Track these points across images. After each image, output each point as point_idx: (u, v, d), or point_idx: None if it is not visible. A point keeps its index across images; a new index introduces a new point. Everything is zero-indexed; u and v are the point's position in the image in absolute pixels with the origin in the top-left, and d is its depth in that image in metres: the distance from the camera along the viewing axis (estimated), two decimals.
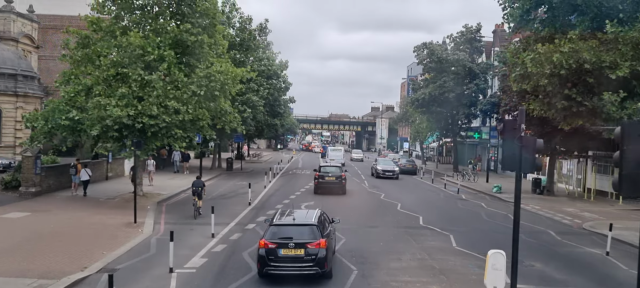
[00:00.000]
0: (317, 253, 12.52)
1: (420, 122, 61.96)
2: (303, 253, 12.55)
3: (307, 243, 12.61)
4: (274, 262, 12.53)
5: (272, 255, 12.53)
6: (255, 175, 40.90)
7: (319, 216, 13.92)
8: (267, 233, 13.05)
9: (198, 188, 22.43)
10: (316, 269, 12.55)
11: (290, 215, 13.95)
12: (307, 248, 12.56)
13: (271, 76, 43.80)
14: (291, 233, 12.91)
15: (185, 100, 23.54)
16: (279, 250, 12.54)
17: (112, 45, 23.42)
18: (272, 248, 12.55)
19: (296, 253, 12.58)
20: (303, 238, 12.73)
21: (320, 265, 12.54)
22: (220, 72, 24.38)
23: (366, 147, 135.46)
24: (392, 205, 27.21)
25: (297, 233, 12.93)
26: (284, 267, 12.61)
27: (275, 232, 12.99)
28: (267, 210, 24.16)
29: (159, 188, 30.36)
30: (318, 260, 12.51)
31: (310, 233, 12.86)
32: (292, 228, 13.14)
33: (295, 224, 13.34)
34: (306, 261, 12.53)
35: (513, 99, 32.26)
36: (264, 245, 12.63)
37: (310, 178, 41.37)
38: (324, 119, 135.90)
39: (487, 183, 40.73)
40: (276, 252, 12.53)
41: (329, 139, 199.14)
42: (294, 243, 12.62)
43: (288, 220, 13.65)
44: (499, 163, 54.14)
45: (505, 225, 22.29)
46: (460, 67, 49.31)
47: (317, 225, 13.20)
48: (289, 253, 12.57)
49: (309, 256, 12.52)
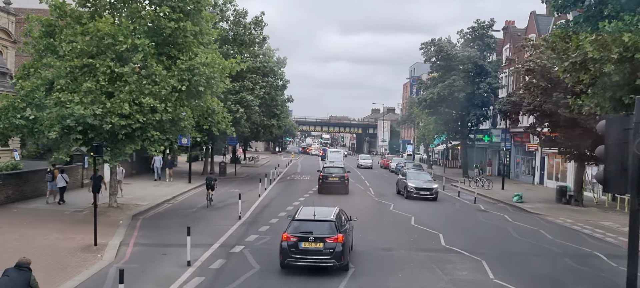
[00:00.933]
0: (335, 247, 13.46)
1: (427, 124, 58.36)
2: (322, 247, 13.50)
3: (326, 237, 13.56)
4: (295, 254, 13.53)
5: (293, 247, 13.54)
6: (250, 182, 37.35)
7: (337, 213, 14.92)
8: (289, 227, 14.14)
9: (211, 182, 26.11)
10: (333, 262, 13.49)
11: (311, 211, 14.83)
12: (326, 242, 13.51)
13: (267, 73, 40.24)
14: (311, 228, 13.86)
15: (164, 96, 20.00)
16: (300, 243, 13.55)
17: (77, 33, 19.87)
18: (294, 241, 13.58)
19: (316, 246, 13.54)
20: (322, 232, 13.67)
21: (338, 258, 13.47)
22: (205, 64, 20.87)
23: (367, 149, 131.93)
24: (404, 218, 23.64)
25: (317, 228, 13.87)
26: (304, 259, 13.58)
27: (296, 226, 14.08)
28: (260, 225, 20.62)
29: (138, 198, 26.81)
30: (335, 253, 13.44)
31: (329, 229, 13.83)
32: (313, 224, 14.06)
33: (315, 220, 14.21)
34: (325, 254, 13.48)
35: (537, 98, 28.73)
36: (286, 238, 13.69)
37: (310, 185, 37.92)
38: (324, 121, 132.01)
39: (504, 190, 37.20)
40: (297, 245, 13.54)
41: (329, 142, 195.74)
42: (314, 237, 13.57)
43: (309, 215, 14.54)
44: (505, 167, 50.75)
45: (542, 246, 18.76)
46: (471, 65, 45.80)
47: (335, 221, 14.20)
48: (309, 246, 13.56)
49: (327, 249, 13.47)
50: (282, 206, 26.06)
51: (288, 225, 14.38)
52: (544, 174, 43.18)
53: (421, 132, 62.90)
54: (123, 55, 19.64)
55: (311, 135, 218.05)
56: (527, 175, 46.85)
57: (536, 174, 44.51)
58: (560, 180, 40.56)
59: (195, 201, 27.65)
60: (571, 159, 30.19)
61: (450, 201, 31.54)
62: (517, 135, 47.62)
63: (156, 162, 32.72)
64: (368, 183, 39.96)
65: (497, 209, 28.55)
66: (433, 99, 46.96)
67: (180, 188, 32.02)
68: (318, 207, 15.71)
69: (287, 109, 51.05)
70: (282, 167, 56.22)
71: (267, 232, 19.28)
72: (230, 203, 26.15)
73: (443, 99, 46.87)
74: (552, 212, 27.37)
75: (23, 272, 8.79)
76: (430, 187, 30.90)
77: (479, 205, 29.77)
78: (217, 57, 21.62)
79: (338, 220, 14.48)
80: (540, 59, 28.05)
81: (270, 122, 43.93)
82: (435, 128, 55.06)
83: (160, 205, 25.78)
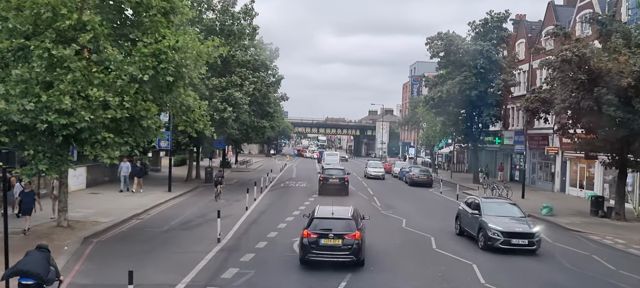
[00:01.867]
0: (353, 243, 14.17)
1: (433, 125, 53.99)
2: (341, 243, 14.21)
3: (344, 234, 14.26)
4: (316, 250, 14.22)
5: (314, 244, 14.23)
6: (238, 190, 33.00)
7: (353, 211, 15.65)
8: (310, 225, 14.60)
9: (219, 178, 28.88)
10: (351, 257, 14.22)
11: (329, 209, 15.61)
12: (345, 239, 14.21)
13: (258, 68, 35.83)
14: (330, 226, 14.48)
15: (120, 88, 15.65)
16: (320, 240, 14.26)
17: (11, 7, 15.48)
18: (314, 238, 14.28)
19: (335, 243, 14.25)
20: (341, 230, 14.37)
21: (355, 254, 14.22)
22: (175, 48, 16.52)
23: (365, 152, 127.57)
24: (423, 240, 19.31)
25: (335, 225, 14.53)
26: (324, 254, 14.21)
27: (316, 224, 14.62)
28: (243, 252, 16.28)
29: (101, 212, 22.40)
30: (353, 249, 14.17)
31: (347, 226, 14.53)
32: (332, 221, 14.70)
33: (334, 218, 14.88)
34: (343, 250, 14.19)
35: (572, 93, 24.45)
36: (307, 235, 14.36)
37: (307, 193, 33.65)
38: (320, 122, 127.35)
39: (525, 199, 32.92)
40: (317, 242, 14.25)
41: (325, 144, 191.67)
42: (333, 235, 14.27)
43: (327, 213, 15.22)
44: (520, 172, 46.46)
45: (607, 281, 14.43)
46: (484, 60, 41.53)
47: (353, 219, 14.89)
48: (328, 242, 14.26)
49: (346, 246, 14.18)
50: (273, 223, 21.68)
51: (308, 223, 14.84)
52: (566, 181, 38.90)
53: (425, 134, 58.51)
54: (66, 34, 15.30)
55: (307, 137, 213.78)
56: (544, 181, 42.56)
57: (556, 181, 40.23)
58: (585, 188, 36.36)
59: (171, 215, 23.27)
60: (612, 165, 25.89)
61: None
62: (534, 137, 43.39)
63: (123, 170, 28.14)
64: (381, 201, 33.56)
65: None
66: (441, 97, 42.64)
67: (157, 199, 27.65)
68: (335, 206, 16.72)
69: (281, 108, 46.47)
70: (275, 172, 51.84)
71: (251, 263, 14.93)
72: (211, 219, 21.71)
73: (452, 98, 42.57)
74: (593, 229, 23.08)
75: (43, 251, 10.11)
76: (529, 230, 17.72)
77: None
78: (191, 40, 17.22)
79: (355, 218, 15.21)
80: (577, 48, 23.80)
81: (261, 122, 39.55)
82: (442, 129, 50.71)
83: (127, 221, 21.35)
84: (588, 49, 23.83)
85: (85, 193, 28.27)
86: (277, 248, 17.12)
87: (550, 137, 40.18)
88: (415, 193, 36.87)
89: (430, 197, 35.44)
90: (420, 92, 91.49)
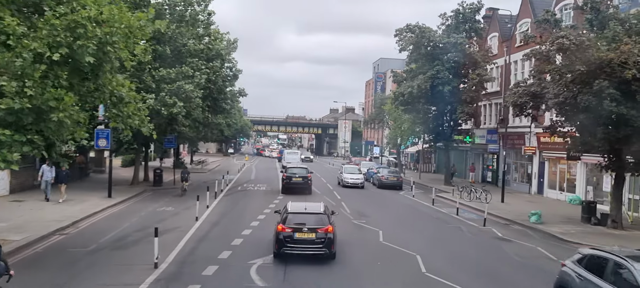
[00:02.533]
0: (326, 237, 14.73)
1: (401, 123, 51.11)
2: (314, 237, 14.72)
3: (317, 228, 14.82)
4: (291, 243, 14.65)
5: (288, 238, 14.68)
6: (189, 195, 29.21)
7: (325, 207, 16.48)
8: (284, 219, 15.15)
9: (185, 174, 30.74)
10: (325, 250, 14.74)
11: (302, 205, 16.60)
12: (318, 233, 14.75)
13: (213, 58, 31.97)
14: (304, 220, 15.08)
15: (20, 70, 11.82)
16: (294, 234, 14.70)
17: None
18: (288, 232, 14.72)
19: (309, 236, 14.72)
20: (314, 224, 14.96)
21: (328, 246, 14.76)
22: (97, 21, 12.77)
23: (327, 151, 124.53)
24: (408, 260, 16.11)
25: (309, 220, 15.15)
26: (299, 248, 14.66)
27: (290, 218, 15.14)
28: (186, 282, 12.67)
29: (18, 226, 18.38)
30: (326, 242, 14.72)
31: (320, 220, 15.19)
32: (305, 216, 15.35)
33: (308, 212, 15.59)
34: (317, 243, 14.70)
35: (566, 87, 21.74)
36: (282, 229, 14.82)
37: (267, 198, 30.21)
38: (281, 120, 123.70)
39: (505, 204, 30.31)
40: (292, 236, 14.68)
41: (286, 142, 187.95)
42: (307, 228, 14.77)
43: (301, 209, 16.00)
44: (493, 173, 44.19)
45: None
46: (458, 53, 38.86)
47: (325, 214, 15.67)
48: (302, 236, 14.71)
49: (319, 239, 14.70)
50: (227, 238, 18.06)
51: (282, 218, 15.27)
52: (544, 183, 36.57)
53: (393, 133, 55.55)
54: None
55: (267, 135, 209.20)
56: (520, 183, 40.23)
57: (533, 182, 37.90)
58: (566, 191, 34.08)
59: (104, 229, 19.38)
60: (608, 168, 23.34)
61: (452, 223, 24.20)
62: (508, 136, 41.08)
63: (45, 174, 23.80)
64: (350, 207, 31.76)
65: (520, 236, 21.33)
66: (412, 93, 39.75)
67: (92, 207, 23.61)
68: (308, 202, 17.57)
69: (238, 104, 42.48)
70: (233, 173, 47.99)
71: None
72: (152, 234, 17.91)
73: (423, 94, 39.78)
74: (592, 240, 20.34)
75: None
76: None
77: (492, 229, 22.55)
78: (119, 12, 13.45)
79: (326, 212, 15.86)
80: (574, 36, 21.11)
81: (216, 119, 35.73)
82: (410, 127, 47.88)
83: (46, 238, 17.39)
84: (585, 37, 21.20)
85: (6, 202, 23.97)
86: (231, 275, 13.59)
87: (527, 136, 37.87)
88: (385, 198, 33.80)
89: (402, 201, 32.41)
90: (385, 89, 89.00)
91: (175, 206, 25.57)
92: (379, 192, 37.19)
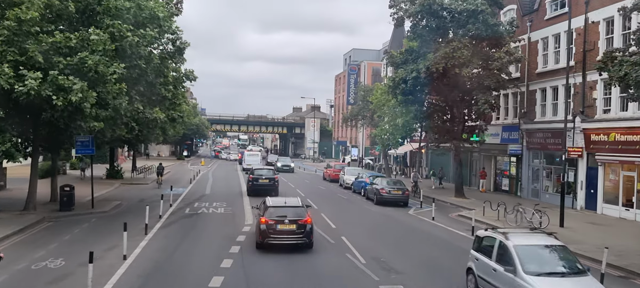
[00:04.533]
0: (305, 227, 16.09)
1: (393, 118, 41.51)
2: (295, 228, 16.01)
3: (298, 219, 16.15)
4: (273, 235, 15.88)
5: (271, 229, 15.87)
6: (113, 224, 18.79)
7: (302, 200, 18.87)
8: (266, 213, 16.32)
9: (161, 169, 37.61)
10: (305, 240, 16.15)
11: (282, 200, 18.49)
12: (298, 224, 16.05)
13: (145, 23, 21.51)
14: (285, 213, 16.33)
15: None
16: (277, 226, 15.91)
17: None
18: (271, 224, 15.90)
19: (290, 227, 15.98)
20: (295, 216, 16.25)
21: (308, 236, 16.18)
22: None
23: (293, 152, 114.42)
24: None
25: (289, 212, 16.41)
26: (281, 238, 15.93)
27: (272, 212, 16.32)
28: None
29: None
30: (306, 232, 16.12)
31: (300, 212, 16.55)
32: (286, 209, 16.65)
33: (288, 206, 17.02)
34: (297, 234, 16.02)
35: None
36: (265, 222, 15.96)
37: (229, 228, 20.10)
38: (242, 119, 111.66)
39: (566, 229, 21.17)
40: (275, 227, 15.90)
41: (247, 143, 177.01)
42: (288, 220, 16.03)
43: (281, 202, 17.57)
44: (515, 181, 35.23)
45: None
46: (480, 25, 29.59)
47: (303, 206, 17.20)
48: (284, 227, 15.94)
49: (299, 230, 16.03)
50: None
51: (264, 211, 16.52)
52: (597, 195, 27.58)
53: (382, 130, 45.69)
54: None
55: (227, 135, 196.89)
56: (555, 194, 31.13)
57: (579, 195, 28.87)
58: (636, 207, 25.17)
59: None
60: None
61: None
62: (534, 133, 32.19)
63: None
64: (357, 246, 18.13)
65: None
66: (418, 77, 30.25)
67: None
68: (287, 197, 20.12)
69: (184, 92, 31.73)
70: (183, 184, 37.55)
71: None
72: None
73: (432, 79, 30.39)
74: None
75: None
76: None
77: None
78: None
79: (304, 205, 17.56)
80: None
81: (152, 112, 25.28)
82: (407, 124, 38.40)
83: None
84: None
85: None
86: None
87: (569, 133, 28.75)
88: (396, 222, 24.14)
89: (425, 229, 22.67)
90: (360, 82, 79.85)
91: (89, 242, 15.30)
92: (381, 211, 27.36)
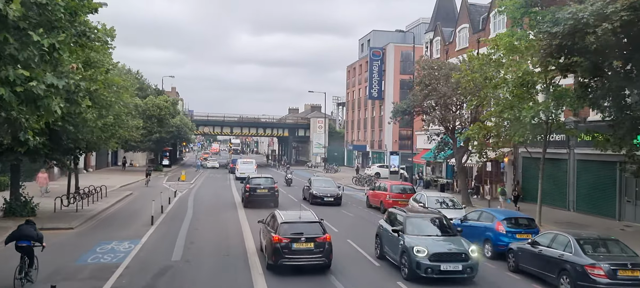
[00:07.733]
0: (324, 245, 14.37)
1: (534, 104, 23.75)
2: (313, 246, 14.32)
3: (316, 237, 14.45)
4: (288, 254, 14.14)
5: (286, 248, 14.14)
6: None
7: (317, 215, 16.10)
8: (279, 230, 14.50)
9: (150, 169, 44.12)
10: (324, 260, 14.39)
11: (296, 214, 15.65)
12: (316, 242, 14.37)
13: None
14: (301, 229, 14.57)
15: None
16: (292, 244, 14.18)
17: None
18: (286, 243, 14.17)
19: (307, 246, 14.29)
20: (312, 233, 14.54)
21: (327, 256, 14.40)
22: None
23: (295, 159, 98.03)
24: None
25: (306, 229, 14.66)
26: (297, 259, 14.24)
27: (286, 228, 14.51)
28: None
29: None
30: (325, 251, 14.37)
31: (318, 229, 14.80)
32: (301, 225, 14.83)
33: (304, 221, 15.09)
34: (315, 253, 14.31)
35: None
36: (278, 240, 14.19)
37: None
38: (233, 120, 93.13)
39: None
40: (290, 246, 14.16)
41: (238, 148, 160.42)
42: (305, 238, 14.33)
43: (295, 218, 15.29)
44: None
45: None
46: None
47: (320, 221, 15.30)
48: (301, 246, 14.25)
49: (318, 248, 14.32)
50: None
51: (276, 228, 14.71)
52: None
53: (519, 123, 25.97)
54: None
55: (217, 139, 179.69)
56: None
57: None
58: None
59: None
60: None
61: None
62: None
63: None
64: None
65: None
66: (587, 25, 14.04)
67: None
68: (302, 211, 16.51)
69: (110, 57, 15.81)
70: (137, 228, 21.46)
71: None
72: None
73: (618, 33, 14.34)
74: None
75: (32, 224, 13.28)
76: None
77: None
78: None
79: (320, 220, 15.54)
80: None
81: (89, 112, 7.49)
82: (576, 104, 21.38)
83: None
84: None
85: None
86: None
87: None
88: None
89: None
90: (385, 70, 64.00)
91: None
92: None
